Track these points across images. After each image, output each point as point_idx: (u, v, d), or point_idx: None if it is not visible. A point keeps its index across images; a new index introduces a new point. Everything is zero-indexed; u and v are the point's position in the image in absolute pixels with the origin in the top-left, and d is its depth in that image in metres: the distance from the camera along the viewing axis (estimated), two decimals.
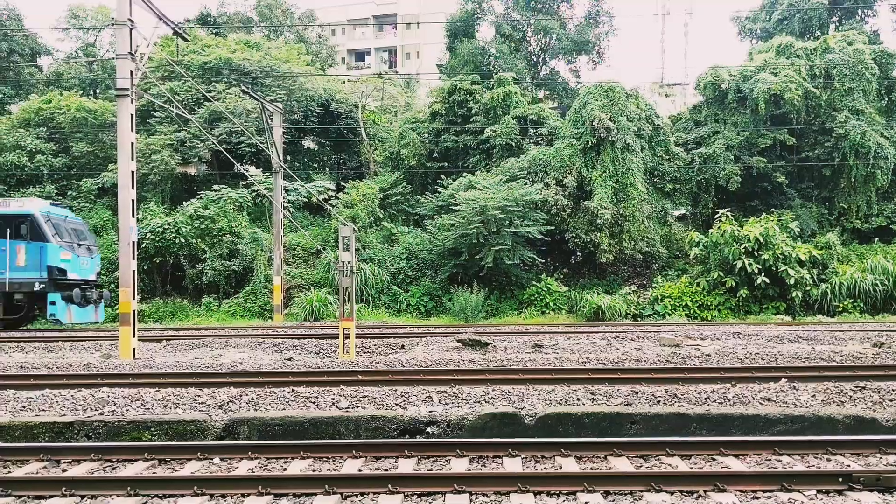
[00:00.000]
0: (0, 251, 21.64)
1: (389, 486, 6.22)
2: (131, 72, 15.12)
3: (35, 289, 21.65)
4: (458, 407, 9.00)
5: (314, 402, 9.37)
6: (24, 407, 9.41)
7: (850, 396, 9.32)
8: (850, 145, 28.89)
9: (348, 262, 14.35)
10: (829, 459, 7.07)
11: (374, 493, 6.18)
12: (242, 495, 6.21)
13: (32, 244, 21.76)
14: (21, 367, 13.23)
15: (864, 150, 28.80)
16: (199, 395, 9.76)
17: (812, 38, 34.68)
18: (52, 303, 21.38)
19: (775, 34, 35.64)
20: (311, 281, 28.55)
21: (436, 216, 29.26)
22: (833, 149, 29.47)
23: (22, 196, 31.03)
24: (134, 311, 14.83)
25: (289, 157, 32.98)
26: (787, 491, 6.13)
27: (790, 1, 36.97)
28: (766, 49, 32.56)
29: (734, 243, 25.44)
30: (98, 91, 41.75)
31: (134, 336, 14.71)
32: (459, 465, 6.99)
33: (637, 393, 9.55)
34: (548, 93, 40.75)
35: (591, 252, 28.12)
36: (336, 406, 9.19)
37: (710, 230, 26.76)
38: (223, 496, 6.22)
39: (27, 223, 21.88)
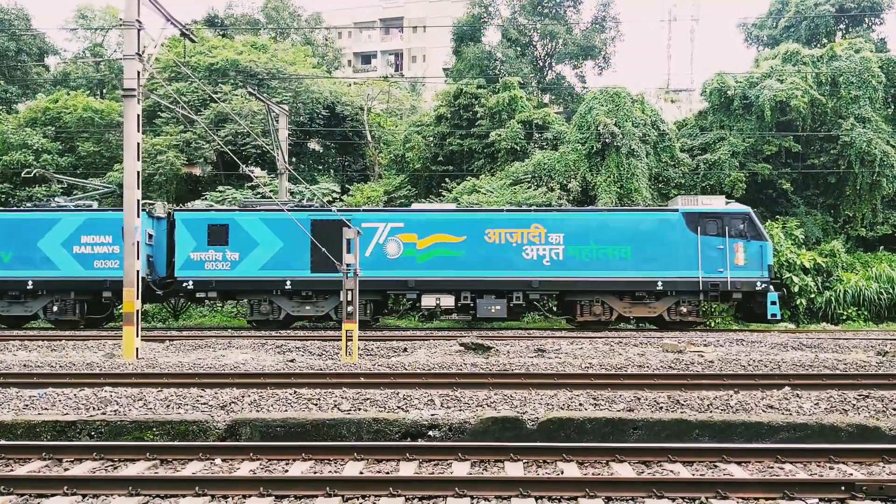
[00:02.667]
0: (718, 250, 21.44)
1: (391, 488, 6.23)
2: (138, 72, 15.17)
3: (757, 288, 21.33)
4: (461, 410, 9.00)
5: (316, 404, 9.37)
6: (26, 405, 9.44)
7: (854, 405, 9.29)
8: (855, 153, 28.83)
9: (352, 265, 14.37)
10: (831, 468, 7.06)
11: (376, 496, 6.18)
12: (244, 496, 6.22)
13: (752, 243, 21.54)
14: (24, 365, 13.26)
15: (869, 157, 28.73)
16: (201, 396, 9.78)
17: (819, 45, 34.64)
18: (773, 302, 21.20)
19: (782, 41, 35.61)
20: None
21: None
22: (839, 156, 29.41)
23: (34, 193, 31.17)
24: (137, 310, 14.86)
25: (294, 159, 33.03)
26: (790, 499, 6.12)
27: (797, 8, 36.94)
28: (772, 56, 32.52)
29: None
30: (105, 91, 41.87)
31: (137, 336, 14.74)
32: (461, 469, 6.99)
33: (639, 399, 9.53)
34: (553, 97, 40.76)
35: None
36: (338, 408, 9.19)
37: None
38: (224, 497, 6.23)
39: (745, 222, 21.71)
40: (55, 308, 21.75)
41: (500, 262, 21.56)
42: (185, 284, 21.64)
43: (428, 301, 21.48)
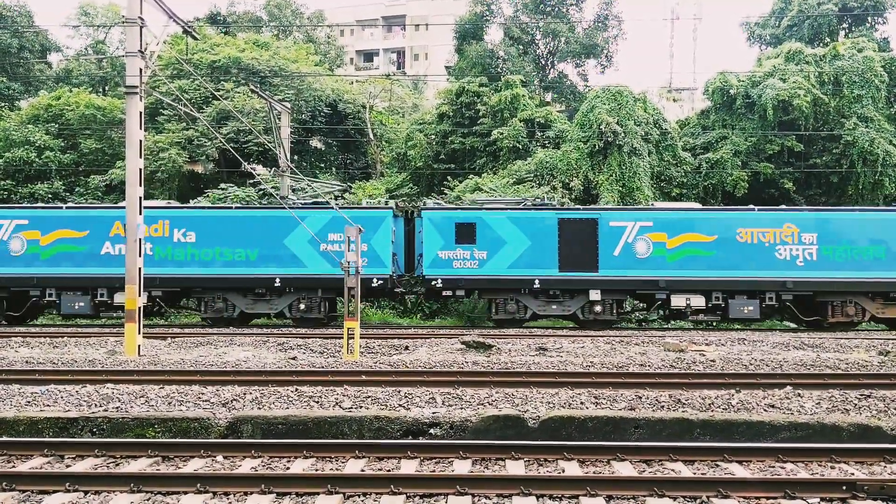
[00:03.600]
0: None
1: (392, 486, 6.24)
2: (141, 69, 15.17)
3: None
4: (462, 409, 9.00)
5: (318, 402, 9.38)
6: (28, 402, 9.45)
7: (855, 404, 9.29)
8: (858, 152, 28.79)
9: (354, 263, 14.37)
10: (833, 467, 7.05)
11: (377, 494, 6.19)
12: (245, 494, 6.23)
13: None
14: (26, 361, 13.28)
15: (872, 157, 28.69)
16: (203, 393, 9.79)
17: (821, 44, 34.58)
18: None
19: (784, 40, 35.54)
20: None
21: None
22: (841, 156, 29.37)
23: (30, 191, 31.20)
24: (139, 307, 14.88)
25: (296, 157, 33.01)
26: (791, 498, 6.12)
27: (800, 7, 36.86)
28: (775, 55, 32.47)
29: None
30: (107, 88, 41.87)
31: (139, 333, 14.75)
32: (462, 467, 6.99)
33: (641, 398, 9.53)
34: (556, 96, 40.71)
35: None
36: (339, 406, 9.20)
37: None
38: (226, 494, 6.24)
39: None
40: (301, 306, 21.73)
41: (753, 262, 21.32)
42: (433, 283, 21.64)
43: (678, 301, 21.30)
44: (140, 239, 15.23)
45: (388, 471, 6.89)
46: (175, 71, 33.49)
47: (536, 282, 21.39)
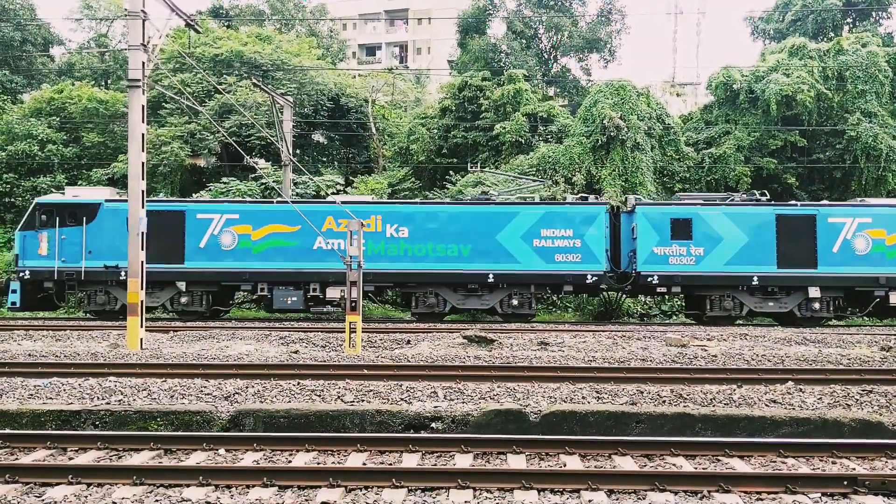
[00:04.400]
0: None
1: (393, 480, 6.24)
2: (143, 63, 15.16)
3: None
4: (463, 403, 9.01)
5: (320, 396, 9.40)
6: (31, 395, 9.48)
7: (857, 400, 9.29)
8: (861, 148, 28.73)
9: (356, 257, 14.38)
10: (834, 462, 7.05)
11: (379, 487, 6.20)
12: (247, 487, 6.24)
13: None
14: (29, 354, 13.31)
15: (875, 152, 28.63)
16: (205, 387, 9.81)
17: (825, 39, 34.47)
18: None
19: (788, 35, 35.44)
20: None
21: None
22: (844, 151, 29.31)
23: (33, 183, 31.21)
24: (142, 301, 14.90)
25: (298, 151, 33.01)
26: (792, 493, 6.12)
27: (804, 2, 36.75)
28: (778, 50, 32.38)
29: None
30: (109, 81, 41.87)
31: (141, 326, 14.78)
32: (464, 461, 7.01)
33: (642, 392, 9.54)
34: (558, 90, 40.65)
35: None
36: (341, 399, 9.22)
37: None
38: (228, 487, 6.25)
39: None
40: (514, 301, 21.58)
41: None
42: (649, 280, 21.37)
43: None
44: (143, 232, 15.24)
45: (390, 464, 6.90)
46: (178, 64, 33.47)
47: (755, 278, 21.14)
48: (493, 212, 21.76)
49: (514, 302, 21.60)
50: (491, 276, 21.36)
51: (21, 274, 21.41)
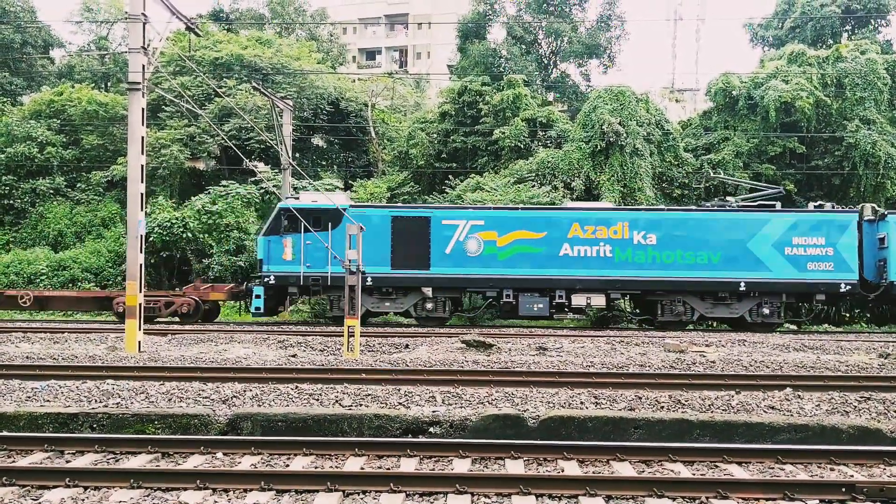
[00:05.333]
0: None
1: (391, 485, 6.24)
2: (143, 66, 15.17)
3: None
4: (462, 408, 9.01)
5: (318, 400, 9.39)
6: (29, 397, 9.46)
7: (855, 407, 9.29)
8: (860, 155, 28.77)
9: (355, 261, 14.38)
10: (832, 469, 7.05)
11: (376, 492, 6.19)
12: (245, 491, 6.23)
13: None
14: (27, 357, 13.29)
15: (874, 159, 28.68)
16: (203, 390, 9.80)
17: (824, 46, 34.55)
18: None
19: (787, 42, 35.51)
20: None
21: None
22: (843, 158, 29.36)
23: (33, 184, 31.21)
24: (140, 304, 14.88)
25: (297, 155, 33.02)
26: (790, 500, 6.12)
27: (803, 9, 36.84)
28: (777, 56, 32.45)
29: None
30: (109, 84, 41.89)
31: (139, 329, 14.76)
32: (462, 466, 7.00)
33: (641, 398, 9.53)
34: (558, 96, 40.69)
35: None
36: (339, 404, 9.20)
37: None
38: (225, 491, 6.24)
39: None
40: (765, 310, 21.35)
41: None
42: None
43: None
44: (142, 235, 15.23)
45: (388, 469, 6.89)
46: (178, 67, 33.51)
47: None
48: (744, 219, 21.58)
49: (765, 311, 21.34)
50: (742, 284, 21.10)
51: (266, 279, 21.30)
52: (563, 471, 6.90)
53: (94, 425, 8.42)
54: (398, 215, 21.59)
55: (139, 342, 14.70)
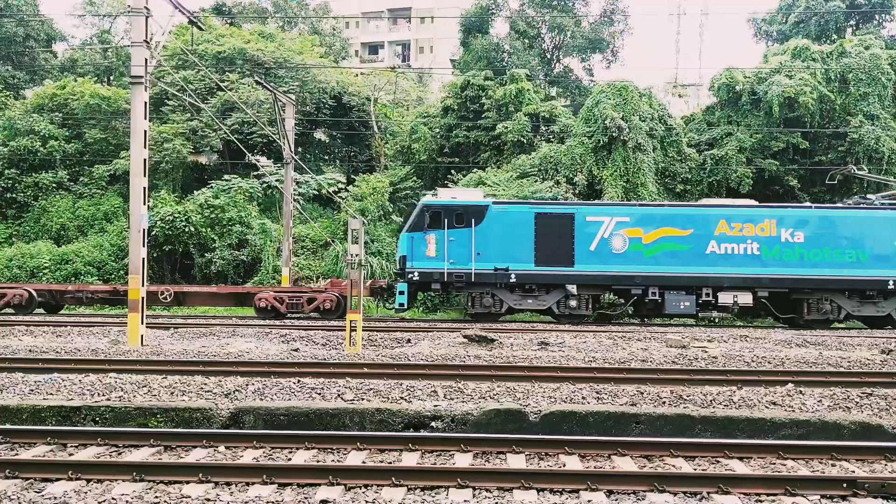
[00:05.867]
0: None
1: (393, 478, 6.25)
2: (146, 60, 15.16)
3: None
4: (463, 402, 9.02)
5: (320, 394, 9.40)
6: (32, 390, 9.48)
7: (857, 402, 9.29)
8: (863, 150, 28.71)
9: (357, 255, 14.38)
10: (833, 465, 7.06)
11: (378, 486, 6.20)
12: (247, 484, 6.25)
13: None
14: (30, 350, 13.32)
15: (877, 155, 28.63)
16: (205, 384, 9.82)
17: (828, 41, 34.45)
18: None
19: (791, 37, 35.42)
20: (319, 273, 28.61)
21: None
22: (847, 153, 29.29)
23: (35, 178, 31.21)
24: (143, 297, 14.90)
25: (300, 149, 33.01)
26: (791, 495, 6.12)
27: (807, 4, 36.72)
28: (781, 51, 32.36)
29: None
30: (112, 78, 41.85)
31: (142, 323, 14.78)
32: (463, 460, 7.01)
33: (642, 393, 9.54)
34: (561, 90, 40.63)
35: None
36: (341, 398, 9.22)
37: None
38: (227, 484, 6.25)
39: None
40: None
41: None
42: None
43: None
44: (144, 229, 15.24)
45: (390, 463, 6.90)
46: (180, 61, 33.47)
47: None
48: (893, 217, 21.34)
49: None
50: (891, 282, 20.88)
51: (410, 275, 21.24)
52: (564, 465, 6.91)
53: (97, 418, 8.44)
54: (542, 212, 21.46)
55: (142, 336, 14.73)
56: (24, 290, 22.24)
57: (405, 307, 21.70)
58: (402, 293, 21.29)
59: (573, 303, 21.36)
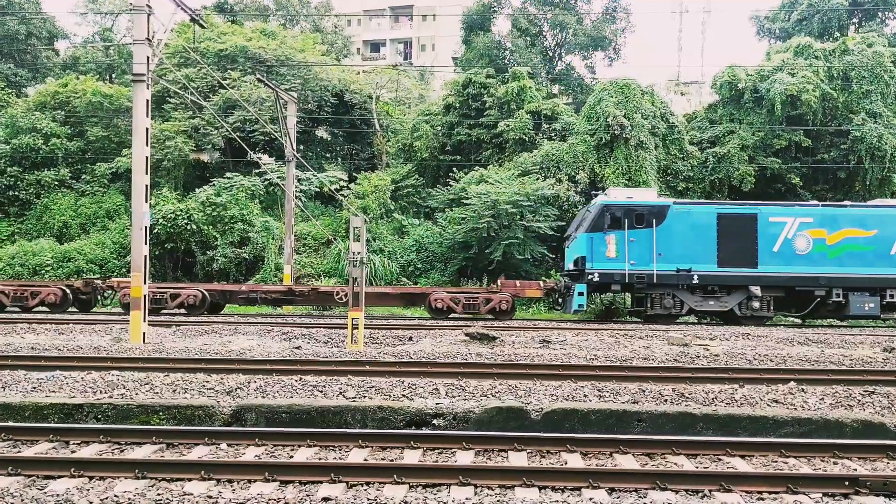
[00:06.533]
0: None
1: (395, 476, 6.24)
2: (148, 57, 15.16)
3: None
4: (465, 400, 9.01)
5: (321, 391, 9.40)
6: (34, 388, 9.50)
7: (859, 401, 9.27)
8: (866, 148, 28.68)
9: (359, 253, 14.37)
10: (835, 463, 7.05)
11: (380, 483, 6.20)
12: (249, 481, 6.24)
13: None
14: (32, 348, 13.34)
15: (880, 153, 28.59)
16: (207, 381, 9.82)
17: (831, 39, 34.40)
18: None
19: (794, 34, 35.38)
20: (320, 270, 28.63)
21: (447, 209, 29.25)
22: (849, 151, 29.26)
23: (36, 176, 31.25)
24: (145, 295, 14.91)
25: (302, 147, 33.03)
26: (793, 493, 6.11)
27: (810, 1, 36.68)
28: (784, 49, 32.33)
29: None
30: (114, 76, 41.89)
31: (144, 321, 14.80)
32: (465, 458, 7.00)
33: (644, 391, 9.53)
34: (563, 88, 40.60)
35: None
36: (343, 395, 9.22)
37: None
38: (230, 481, 6.25)
39: None
40: None
41: None
42: None
43: None
44: (146, 227, 15.25)
45: (391, 461, 6.89)
46: (182, 59, 33.50)
47: None
48: None
49: None
50: None
51: (590, 276, 21.08)
52: (566, 463, 6.91)
53: (99, 416, 8.45)
54: (724, 212, 21.32)
55: (144, 333, 14.74)
56: (198, 290, 22.25)
57: (583, 308, 21.53)
58: (580, 294, 21.12)
59: (756, 304, 21.20)
